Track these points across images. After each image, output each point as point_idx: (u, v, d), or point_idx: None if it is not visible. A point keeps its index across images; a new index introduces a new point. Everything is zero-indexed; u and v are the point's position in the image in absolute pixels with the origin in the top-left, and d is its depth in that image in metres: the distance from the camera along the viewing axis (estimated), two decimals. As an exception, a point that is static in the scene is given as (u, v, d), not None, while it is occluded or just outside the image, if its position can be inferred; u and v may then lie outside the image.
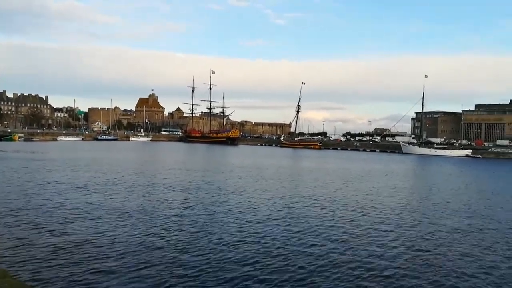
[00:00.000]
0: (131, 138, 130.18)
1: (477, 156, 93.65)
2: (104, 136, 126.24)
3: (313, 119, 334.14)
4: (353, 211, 19.21)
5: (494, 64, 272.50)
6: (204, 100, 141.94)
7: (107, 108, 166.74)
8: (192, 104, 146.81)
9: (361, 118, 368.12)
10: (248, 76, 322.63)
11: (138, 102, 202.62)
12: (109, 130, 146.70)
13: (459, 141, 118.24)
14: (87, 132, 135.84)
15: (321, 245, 13.00)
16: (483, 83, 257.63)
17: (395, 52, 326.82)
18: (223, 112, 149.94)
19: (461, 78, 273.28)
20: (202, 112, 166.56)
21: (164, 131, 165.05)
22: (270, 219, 16.59)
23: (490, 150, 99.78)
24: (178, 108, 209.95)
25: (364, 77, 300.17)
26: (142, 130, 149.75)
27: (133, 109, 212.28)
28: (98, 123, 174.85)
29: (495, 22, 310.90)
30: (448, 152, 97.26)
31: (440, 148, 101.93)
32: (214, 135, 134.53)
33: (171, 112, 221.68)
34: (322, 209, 19.44)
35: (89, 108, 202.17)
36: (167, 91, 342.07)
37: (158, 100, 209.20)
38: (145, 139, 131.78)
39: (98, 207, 17.59)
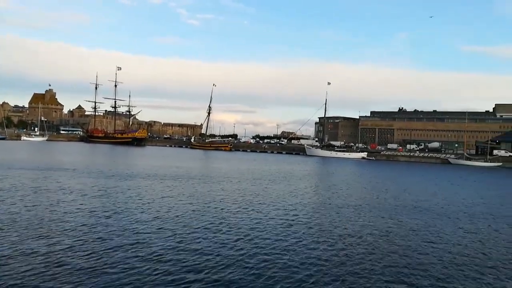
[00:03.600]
0: (23, 137, 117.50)
1: (371, 158, 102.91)
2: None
3: (225, 121, 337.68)
4: (285, 214, 19.66)
5: (387, 74, 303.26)
6: (109, 98, 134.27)
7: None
8: (95, 102, 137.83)
9: (271, 122, 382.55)
10: (158, 75, 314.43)
11: (32, 98, 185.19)
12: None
13: (357, 145, 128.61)
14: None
15: (252, 254, 13.06)
16: (378, 91, 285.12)
17: (302, 58, 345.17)
18: (129, 111, 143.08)
19: (359, 86, 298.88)
20: (106, 110, 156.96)
21: (63, 130, 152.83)
22: (194, 227, 16.23)
23: (382, 153, 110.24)
24: (80, 106, 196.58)
25: (274, 82, 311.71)
26: (36, 128, 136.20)
27: (26, 105, 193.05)
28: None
29: (389, 37, 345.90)
30: (347, 155, 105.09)
31: (340, 151, 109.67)
32: (119, 135, 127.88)
33: (71, 110, 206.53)
34: (248, 213, 19.53)
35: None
36: (67, 87, 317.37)
37: (56, 97, 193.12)
38: (40, 138, 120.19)
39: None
